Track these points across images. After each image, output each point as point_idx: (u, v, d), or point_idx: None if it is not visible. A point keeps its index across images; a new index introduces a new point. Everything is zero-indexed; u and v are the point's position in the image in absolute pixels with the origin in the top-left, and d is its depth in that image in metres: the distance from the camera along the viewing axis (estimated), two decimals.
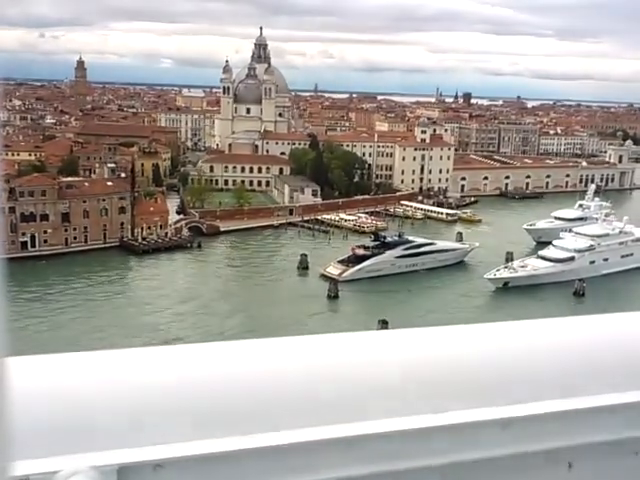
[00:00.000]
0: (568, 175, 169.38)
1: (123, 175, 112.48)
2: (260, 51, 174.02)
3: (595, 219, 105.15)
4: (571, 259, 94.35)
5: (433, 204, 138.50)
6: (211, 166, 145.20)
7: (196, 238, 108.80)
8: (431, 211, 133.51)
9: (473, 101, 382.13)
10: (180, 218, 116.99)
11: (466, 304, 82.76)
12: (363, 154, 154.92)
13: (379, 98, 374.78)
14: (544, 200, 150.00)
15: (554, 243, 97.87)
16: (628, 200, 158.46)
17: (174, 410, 1.46)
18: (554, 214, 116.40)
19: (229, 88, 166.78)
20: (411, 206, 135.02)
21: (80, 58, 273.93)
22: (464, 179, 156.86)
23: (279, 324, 68.53)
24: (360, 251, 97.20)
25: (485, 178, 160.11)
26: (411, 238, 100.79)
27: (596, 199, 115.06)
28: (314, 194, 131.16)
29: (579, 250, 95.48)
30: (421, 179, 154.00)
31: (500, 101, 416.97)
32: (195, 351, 1.62)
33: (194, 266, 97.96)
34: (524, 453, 1.67)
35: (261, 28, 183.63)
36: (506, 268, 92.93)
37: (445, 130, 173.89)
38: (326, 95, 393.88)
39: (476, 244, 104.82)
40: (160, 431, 1.42)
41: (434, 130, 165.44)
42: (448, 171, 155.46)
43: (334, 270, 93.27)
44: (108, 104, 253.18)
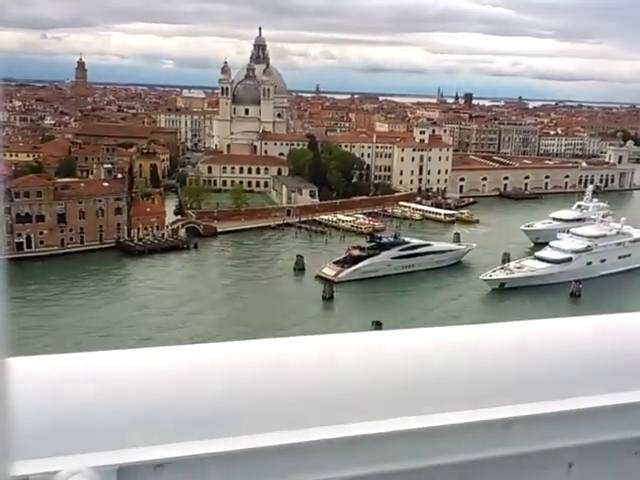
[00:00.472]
0: (567, 176, 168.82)
1: (119, 176, 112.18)
2: (259, 52, 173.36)
3: (593, 220, 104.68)
4: (568, 260, 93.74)
5: (431, 205, 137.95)
6: (209, 167, 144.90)
7: (193, 239, 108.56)
8: (429, 212, 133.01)
9: (475, 102, 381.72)
10: (177, 219, 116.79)
11: (461, 305, 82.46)
12: (362, 155, 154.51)
13: (380, 99, 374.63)
14: (543, 201, 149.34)
15: (551, 244, 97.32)
16: (628, 201, 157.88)
17: (174, 410, 1.46)
18: (552, 215, 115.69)
19: (228, 89, 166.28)
20: (409, 207, 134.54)
21: (80, 59, 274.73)
22: (463, 180, 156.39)
23: (271, 325, 68.19)
24: (356, 252, 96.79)
25: (484, 179, 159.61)
26: (407, 239, 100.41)
27: (594, 200, 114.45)
28: (312, 195, 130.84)
29: (576, 251, 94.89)
30: (420, 180, 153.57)
31: (502, 102, 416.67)
32: (195, 351, 1.62)
33: (189, 267, 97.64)
34: (524, 453, 1.67)
35: (260, 29, 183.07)
36: (502, 269, 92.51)
37: (444, 131, 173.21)
38: (328, 96, 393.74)
39: (473, 245, 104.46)
40: (160, 431, 1.42)
41: (433, 131, 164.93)
42: (447, 172, 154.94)
43: (330, 271, 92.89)
44: (109, 105, 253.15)
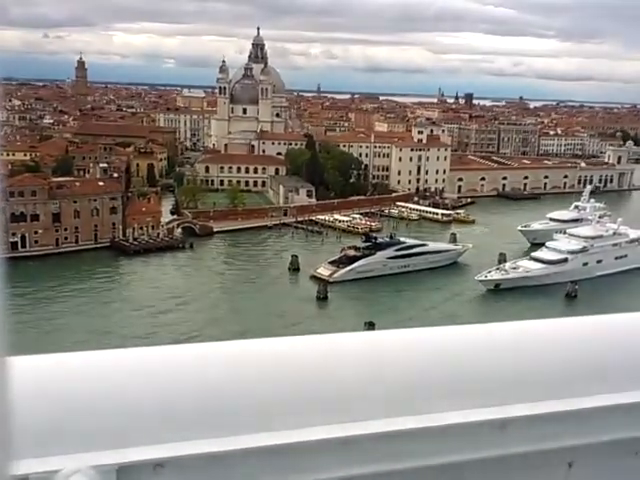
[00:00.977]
0: (566, 176, 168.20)
1: (115, 175, 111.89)
2: (257, 51, 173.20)
3: (590, 221, 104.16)
4: (564, 261, 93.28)
5: (429, 205, 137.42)
6: (207, 166, 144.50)
7: (189, 239, 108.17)
8: (426, 212, 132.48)
9: (476, 102, 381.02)
10: (173, 218, 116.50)
11: (456, 306, 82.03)
12: (360, 155, 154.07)
13: (381, 99, 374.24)
14: (542, 201, 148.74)
15: (547, 245, 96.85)
16: (627, 201, 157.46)
17: (174, 409, 1.46)
18: (549, 215, 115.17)
19: (225, 88, 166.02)
20: (406, 207, 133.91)
21: (80, 58, 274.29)
22: (461, 180, 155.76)
23: (263, 326, 67.87)
24: (351, 252, 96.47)
25: (482, 179, 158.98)
26: (403, 239, 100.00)
27: (592, 200, 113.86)
28: (309, 195, 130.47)
29: (572, 252, 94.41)
30: (418, 180, 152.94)
31: (503, 102, 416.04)
32: (194, 351, 1.62)
33: (183, 267, 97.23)
34: (524, 453, 1.67)
35: (258, 28, 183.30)
36: (498, 270, 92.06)
37: (442, 131, 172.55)
38: (328, 96, 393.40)
39: (469, 245, 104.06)
40: (160, 431, 1.41)
41: (431, 131, 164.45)
42: (445, 172, 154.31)
43: (324, 271, 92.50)
44: (108, 104, 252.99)
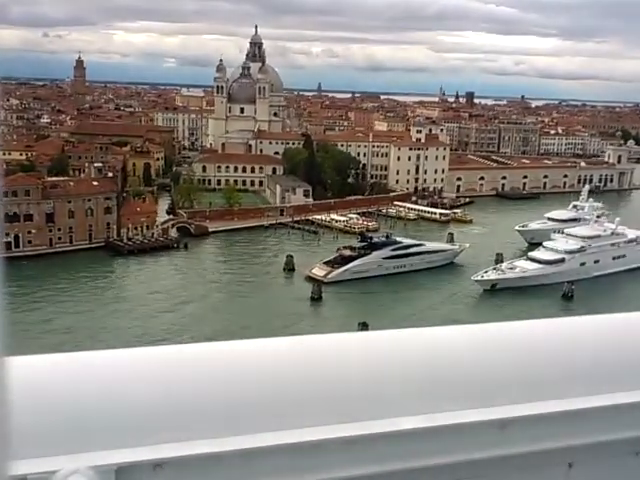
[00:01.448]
0: (566, 175, 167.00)
1: (110, 175, 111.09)
2: (255, 50, 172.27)
3: (589, 220, 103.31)
4: (561, 261, 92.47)
5: (427, 204, 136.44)
6: (204, 166, 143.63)
7: (184, 239, 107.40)
8: (424, 211, 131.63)
9: (477, 101, 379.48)
10: (168, 218, 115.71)
11: (451, 306, 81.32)
12: (358, 154, 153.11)
13: (382, 98, 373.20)
14: (541, 201, 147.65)
15: (544, 244, 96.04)
16: (627, 201, 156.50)
17: (173, 410, 1.45)
18: (547, 215, 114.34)
19: (223, 87, 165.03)
20: (404, 206, 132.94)
21: (79, 57, 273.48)
22: (460, 179, 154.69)
23: (255, 328, 67.16)
24: (347, 252, 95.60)
25: (481, 178, 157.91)
26: (399, 239, 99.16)
27: (590, 200, 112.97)
28: (306, 194, 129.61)
29: (569, 251, 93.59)
30: (416, 179, 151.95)
31: (504, 101, 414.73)
32: (194, 351, 1.61)
33: (177, 267, 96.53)
34: (524, 453, 1.66)
35: (256, 27, 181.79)
36: (494, 270, 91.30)
37: (441, 130, 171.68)
38: (329, 95, 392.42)
39: (466, 245, 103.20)
40: (159, 431, 1.41)
41: (430, 130, 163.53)
42: (443, 171, 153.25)
43: (319, 271, 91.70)
44: (107, 103, 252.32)
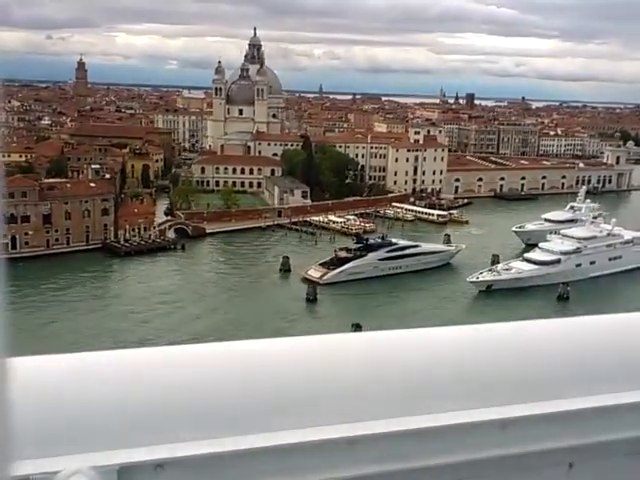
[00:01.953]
0: (564, 176, 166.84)
1: (108, 176, 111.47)
2: (254, 51, 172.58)
3: (585, 221, 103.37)
4: (557, 262, 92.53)
5: (425, 206, 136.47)
6: (202, 167, 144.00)
7: (181, 240, 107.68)
8: (422, 213, 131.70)
9: (478, 102, 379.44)
10: (165, 220, 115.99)
11: (447, 307, 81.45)
12: (357, 155, 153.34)
13: (383, 99, 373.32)
14: (539, 202, 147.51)
15: (540, 245, 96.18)
16: (625, 202, 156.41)
17: (174, 410, 1.45)
18: (544, 216, 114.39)
19: (221, 89, 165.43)
20: (402, 208, 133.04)
21: (81, 59, 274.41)
22: (458, 180, 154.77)
23: (250, 329, 67.38)
24: (342, 253, 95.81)
25: (480, 179, 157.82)
26: (395, 240, 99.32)
27: (587, 201, 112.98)
28: (304, 196, 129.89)
29: (565, 252, 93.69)
30: (414, 180, 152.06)
31: (505, 102, 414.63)
32: (194, 351, 1.62)
33: (173, 268, 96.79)
34: (524, 453, 1.66)
35: (255, 29, 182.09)
36: (490, 271, 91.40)
37: (439, 131, 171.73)
38: (331, 96, 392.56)
39: (462, 246, 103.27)
40: (160, 431, 1.41)
41: (428, 131, 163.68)
42: (442, 172, 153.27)
43: (315, 273, 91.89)
44: (108, 105, 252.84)
